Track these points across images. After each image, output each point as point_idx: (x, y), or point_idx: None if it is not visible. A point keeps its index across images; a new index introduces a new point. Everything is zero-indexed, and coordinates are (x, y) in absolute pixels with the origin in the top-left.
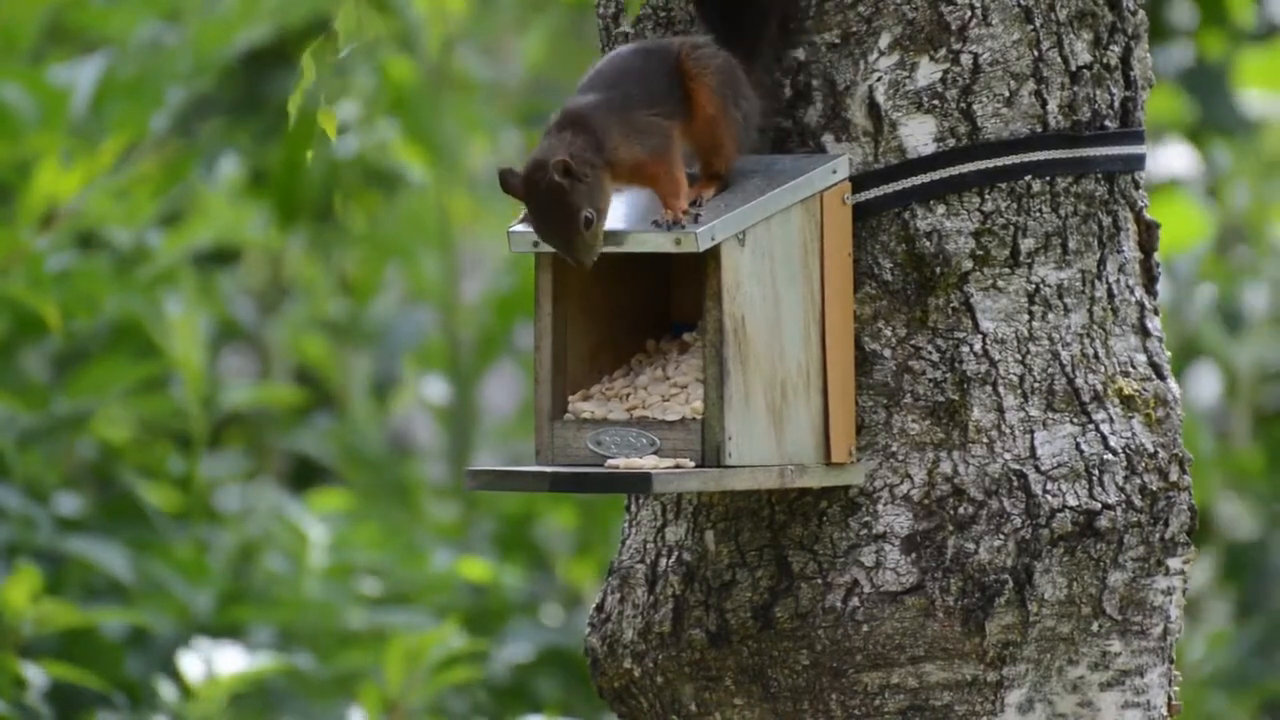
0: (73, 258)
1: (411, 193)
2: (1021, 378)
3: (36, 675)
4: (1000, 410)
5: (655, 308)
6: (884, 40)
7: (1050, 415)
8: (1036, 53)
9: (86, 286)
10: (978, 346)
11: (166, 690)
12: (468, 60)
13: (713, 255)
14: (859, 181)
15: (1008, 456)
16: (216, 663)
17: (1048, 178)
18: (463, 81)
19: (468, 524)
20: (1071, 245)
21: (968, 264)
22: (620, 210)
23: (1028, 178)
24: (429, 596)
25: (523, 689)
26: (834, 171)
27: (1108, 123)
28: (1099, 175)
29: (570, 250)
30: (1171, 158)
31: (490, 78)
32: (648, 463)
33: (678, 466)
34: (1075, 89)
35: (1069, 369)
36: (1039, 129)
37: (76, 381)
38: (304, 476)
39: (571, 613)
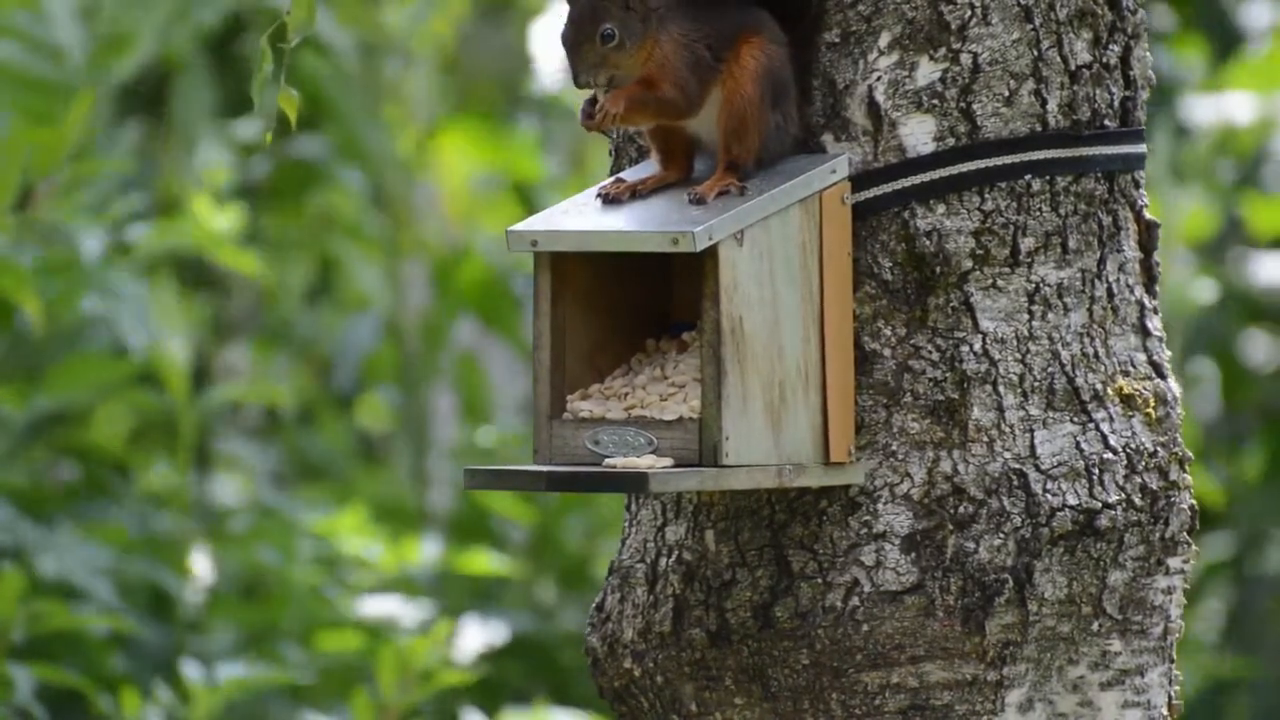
0: (40, 252)
1: (352, 195)
2: (1021, 377)
3: (27, 675)
4: (1000, 409)
5: (655, 307)
6: (884, 39)
7: (1050, 414)
8: (1036, 52)
9: (48, 280)
10: (977, 346)
11: (162, 693)
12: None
13: (710, 255)
14: (859, 181)
15: (1008, 455)
16: (210, 664)
17: (1047, 177)
18: (396, 90)
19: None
20: (1071, 244)
21: (967, 263)
22: (621, 213)
23: (1027, 177)
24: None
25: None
26: (833, 171)
27: (1107, 122)
28: (1099, 175)
29: (574, 60)
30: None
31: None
32: (645, 462)
33: (675, 466)
34: (1075, 88)
35: (1069, 368)
36: (1039, 128)
37: (55, 378)
38: (287, 476)
39: (560, 603)
